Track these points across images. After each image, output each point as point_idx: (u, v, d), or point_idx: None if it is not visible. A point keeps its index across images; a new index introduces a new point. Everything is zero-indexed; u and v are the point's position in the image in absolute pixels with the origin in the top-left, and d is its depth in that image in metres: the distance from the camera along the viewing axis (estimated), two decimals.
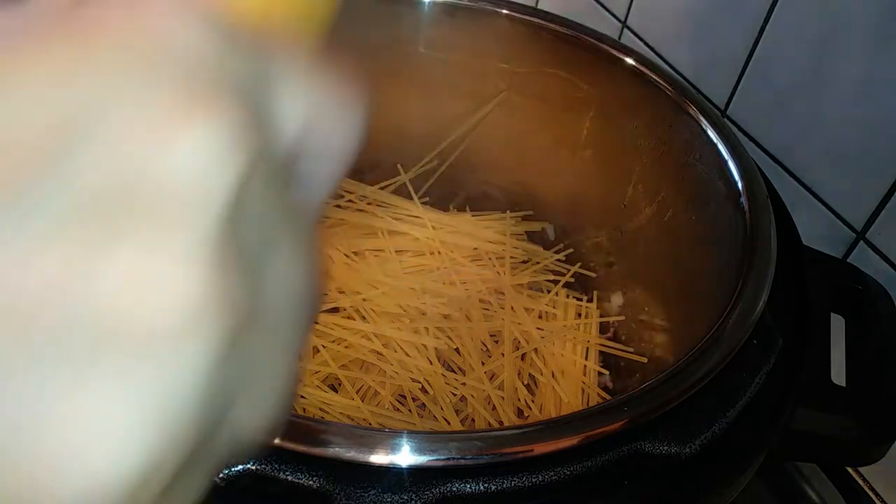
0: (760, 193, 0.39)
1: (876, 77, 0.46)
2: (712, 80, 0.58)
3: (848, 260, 0.49)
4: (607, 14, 0.68)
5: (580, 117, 0.51)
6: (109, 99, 0.11)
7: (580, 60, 0.49)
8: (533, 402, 0.47)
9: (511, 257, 0.55)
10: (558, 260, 0.56)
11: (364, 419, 0.44)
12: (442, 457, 0.26)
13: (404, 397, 0.46)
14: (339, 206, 0.57)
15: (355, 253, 0.54)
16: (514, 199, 0.58)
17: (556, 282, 0.55)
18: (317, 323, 0.49)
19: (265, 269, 0.12)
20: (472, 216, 0.58)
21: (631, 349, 0.50)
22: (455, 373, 0.48)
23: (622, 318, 0.52)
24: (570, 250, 0.56)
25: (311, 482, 0.26)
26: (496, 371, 0.48)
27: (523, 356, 0.50)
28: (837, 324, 0.40)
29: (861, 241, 0.49)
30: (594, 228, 0.55)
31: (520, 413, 0.47)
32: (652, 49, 0.64)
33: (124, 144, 0.10)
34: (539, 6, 0.75)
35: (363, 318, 0.50)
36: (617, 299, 0.53)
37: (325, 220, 0.56)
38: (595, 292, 0.54)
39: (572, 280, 0.55)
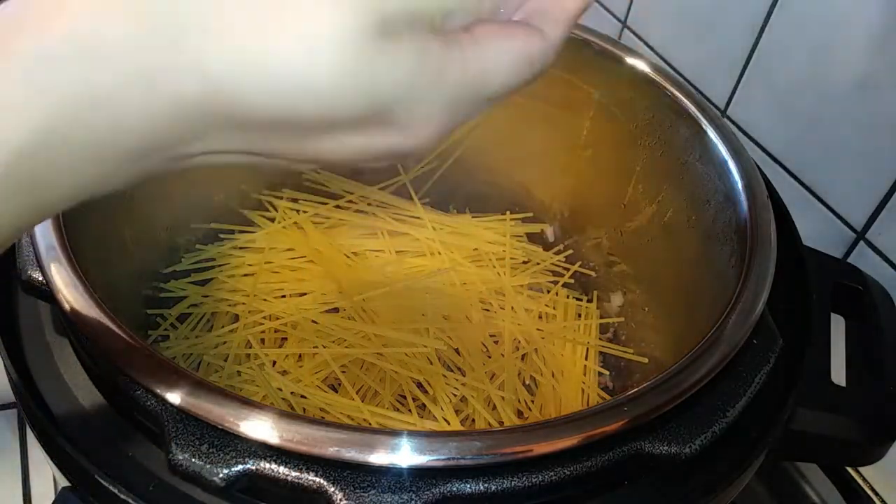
0: (760, 193, 0.39)
1: (876, 77, 0.46)
2: (712, 80, 0.58)
3: (848, 260, 0.49)
4: (607, 14, 0.68)
5: (580, 117, 0.51)
6: None
7: (580, 60, 0.49)
8: (533, 402, 0.47)
9: (511, 258, 0.55)
10: (558, 260, 0.56)
11: (364, 419, 0.44)
12: (442, 457, 0.26)
13: (404, 397, 0.46)
14: (339, 207, 0.57)
15: (355, 253, 0.54)
16: (514, 199, 0.58)
17: (556, 282, 0.55)
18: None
19: None
20: (473, 217, 0.58)
21: (631, 349, 0.50)
22: (455, 373, 0.48)
23: (622, 319, 0.52)
24: (570, 251, 0.56)
25: (311, 482, 0.26)
26: (496, 371, 0.48)
27: (523, 356, 0.50)
28: (837, 324, 0.40)
29: (861, 241, 0.49)
30: (594, 228, 0.55)
31: (520, 414, 0.47)
32: (652, 49, 0.64)
33: None
34: None
35: (363, 318, 0.50)
36: (617, 299, 0.53)
37: (326, 220, 0.56)
38: (595, 292, 0.54)
39: (572, 280, 0.55)
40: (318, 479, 0.26)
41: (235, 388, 0.45)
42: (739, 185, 0.40)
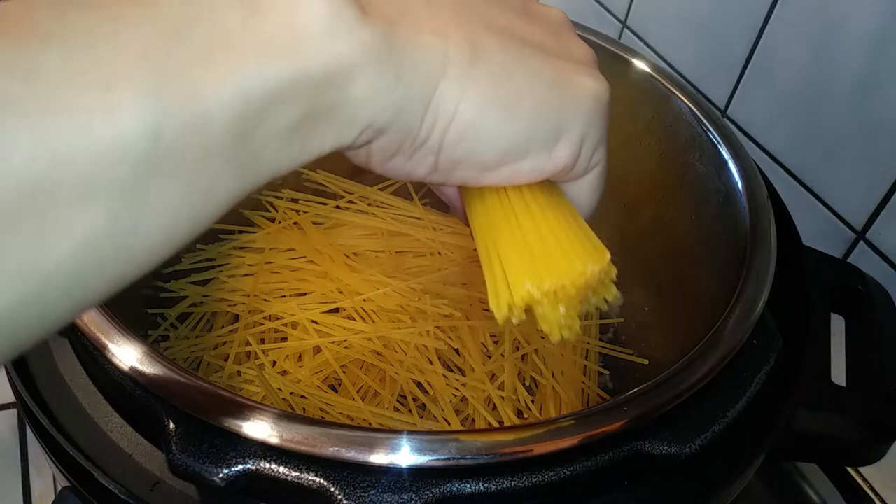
0: (760, 193, 0.39)
1: (876, 77, 0.46)
2: (712, 80, 0.58)
3: (848, 260, 0.49)
4: (607, 14, 0.68)
5: None
6: None
7: None
8: (533, 402, 0.47)
9: None
10: None
11: (364, 419, 0.44)
12: (442, 457, 0.26)
13: (404, 397, 0.46)
14: (339, 207, 0.57)
15: (355, 253, 0.54)
16: None
17: None
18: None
19: None
20: None
21: (631, 350, 0.50)
22: (455, 373, 0.48)
23: (622, 319, 0.52)
24: None
25: (311, 482, 0.26)
26: (496, 371, 0.48)
27: (524, 357, 0.50)
28: (837, 324, 0.40)
29: (861, 241, 0.49)
30: (594, 228, 0.55)
31: (520, 414, 0.47)
32: (652, 49, 0.64)
33: None
34: None
35: (364, 318, 0.50)
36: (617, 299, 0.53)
37: (326, 220, 0.56)
38: None
39: None
40: (318, 479, 0.26)
41: (235, 388, 0.45)
42: (739, 185, 0.40)
